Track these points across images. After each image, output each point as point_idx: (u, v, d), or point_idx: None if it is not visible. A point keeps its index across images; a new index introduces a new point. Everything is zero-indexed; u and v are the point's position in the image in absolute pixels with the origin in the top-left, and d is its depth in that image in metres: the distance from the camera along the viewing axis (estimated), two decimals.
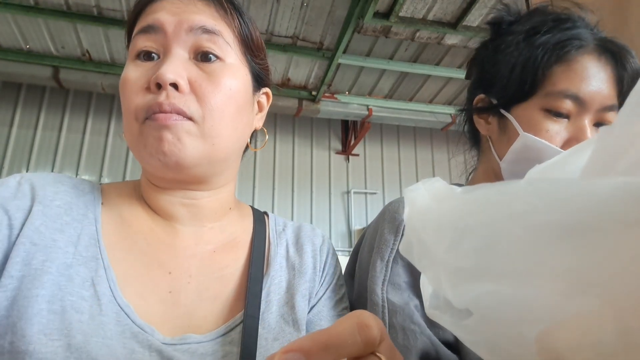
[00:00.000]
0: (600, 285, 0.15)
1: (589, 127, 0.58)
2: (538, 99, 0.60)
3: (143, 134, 0.50)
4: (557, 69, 0.59)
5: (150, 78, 0.49)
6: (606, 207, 0.14)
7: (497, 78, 0.65)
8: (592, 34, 0.61)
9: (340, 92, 4.41)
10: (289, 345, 0.23)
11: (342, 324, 0.25)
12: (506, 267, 0.18)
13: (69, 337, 0.42)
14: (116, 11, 3.28)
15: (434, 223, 0.21)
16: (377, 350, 0.26)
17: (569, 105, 0.58)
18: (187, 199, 0.56)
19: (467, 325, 0.20)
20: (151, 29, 0.51)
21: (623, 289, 0.15)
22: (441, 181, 0.22)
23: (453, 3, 3.09)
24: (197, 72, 0.51)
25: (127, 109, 0.51)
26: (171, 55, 0.50)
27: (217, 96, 0.51)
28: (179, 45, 0.51)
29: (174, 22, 0.51)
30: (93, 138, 4.31)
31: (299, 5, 3.21)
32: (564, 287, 0.16)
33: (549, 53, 0.59)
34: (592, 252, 0.15)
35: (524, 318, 0.18)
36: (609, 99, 0.58)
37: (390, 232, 0.62)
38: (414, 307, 0.57)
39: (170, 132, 0.48)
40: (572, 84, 0.58)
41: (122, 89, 0.52)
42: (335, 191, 4.79)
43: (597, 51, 0.60)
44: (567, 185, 0.16)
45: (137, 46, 0.52)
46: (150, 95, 0.50)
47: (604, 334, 0.15)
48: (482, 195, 0.19)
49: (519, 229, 0.17)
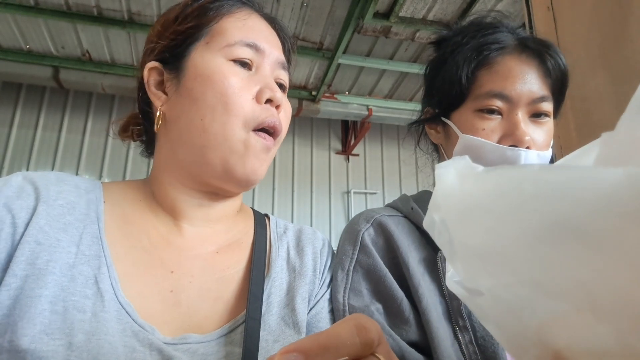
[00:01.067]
0: (597, 285, 0.15)
1: (523, 120, 0.62)
2: (470, 103, 0.65)
3: (247, 145, 0.53)
4: (480, 72, 0.64)
5: (255, 88, 0.55)
6: (612, 196, 0.14)
7: (435, 90, 0.71)
8: (512, 35, 0.66)
9: (340, 92, 4.41)
10: (289, 346, 0.23)
11: (340, 326, 0.26)
12: (512, 253, 0.18)
13: (70, 336, 0.42)
14: (116, 11, 3.28)
15: (455, 202, 0.22)
16: (376, 351, 0.27)
17: (498, 103, 0.62)
18: (207, 202, 0.58)
19: (479, 303, 0.21)
20: (255, 47, 0.57)
21: (622, 290, 0.15)
22: (468, 159, 0.23)
23: (453, 3, 3.09)
24: (282, 98, 0.58)
25: (233, 110, 0.53)
26: (270, 75, 0.58)
27: (288, 123, 0.60)
28: (270, 68, 0.58)
29: (269, 49, 0.58)
30: (93, 138, 4.31)
31: (299, 5, 3.21)
32: (564, 283, 0.16)
33: (470, 59, 0.64)
34: (590, 247, 0.15)
35: (527, 307, 0.18)
36: (537, 91, 0.62)
37: (349, 243, 0.65)
38: (374, 309, 0.59)
39: (266, 155, 0.55)
40: (496, 84, 0.63)
41: (223, 86, 0.53)
42: (335, 191, 4.79)
43: (518, 50, 0.65)
44: (575, 173, 0.16)
45: (238, 54, 0.56)
46: (260, 109, 0.54)
47: (599, 333, 0.15)
48: (496, 177, 0.19)
49: (525, 215, 0.17)
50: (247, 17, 0.59)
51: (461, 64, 0.65)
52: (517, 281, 0.18)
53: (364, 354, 0.26)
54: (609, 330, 0.15)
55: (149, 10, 3.28)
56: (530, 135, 0.61)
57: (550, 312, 0.17)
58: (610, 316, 0.15)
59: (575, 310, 0.16)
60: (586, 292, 0.16)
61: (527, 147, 0.61)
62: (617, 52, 0.95)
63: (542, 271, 0.17)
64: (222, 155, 0.53)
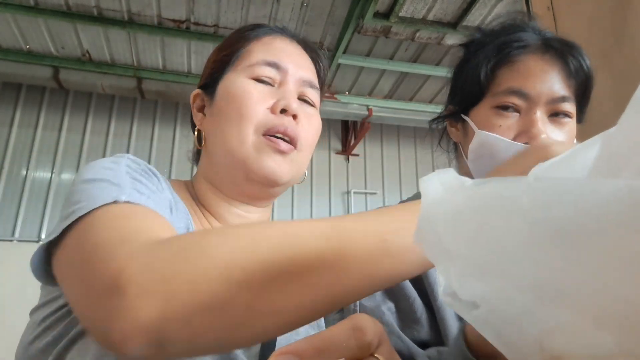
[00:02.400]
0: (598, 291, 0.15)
1: (541, 119, 0.61)
2: (488, 100, 0.65)
3: (260, 148, 0.57)
4: (501, 70, 0.64)
5: (273, 100, 0.59)
6: (609, 210, 0.14)
7: (457, 88, 0.71)
8: (537, 35, 0.66)
9: (340, 92, 4.41)
10: (284, 348, 0.24)
11: (337, 328, 0.26)
12: (508, 265, 0.18)
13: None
14: (116, 11, 3.28)
15: (445, 214, 0.21)
16: (376, 352, 0.27)
17: (516, 100, 0.62)
18: (244, 212, 0.62)
19: (476, 315, 0.21)
20: (276, 66, 0.61)
21: (620, 296, 0.14)
22: (454, 172, 0.23)
23: (453, 3, 3.09)
24: (303, 111, 0.62)
25: (246, 118, 0.57)
26: (291, 90, 0.61)
27: (311, 134, 0.64)
28: (293, 85, 0.62)
29: (293, 68, 0.62)
30: (93, 138, 4.30)
31: (299, 5, 3.21)
32: (560, 291, 0.16)
33: (492, 56, 0.65)
34: (591, 257, 0.15)
35: (526, 317, 0.18)
36: (558, 91, 0.62)
37: None
38: (386, 309, 0.59)
39: (283, 159, 0.58)
40: (516, 81, 0.62)
41: (241, 99, 0.58)
42: (335, 191, 4.79)
43: (541, 50, 0.64)
44: (571, 184, 0.16)
45: (260, 72, 0.60)
46: (273, 117, 0.58)
47: (602, 341, 0.15)
48: (489, 190, 0.19)
49: (520, 227, 0.17)
50: (273, 40, 0.64)
51: (482, 62, 0.65)
52: (516, 291, 0.18)
53: (361, 356, 0.26)
54: (610, 335, 0.15)
55: (149, 11, 3.28)
56: (547, 134, 0.60)
57: (551, 321, 0.17)
58: (611, 322, 0.15)
59: (577, 318, 0.16)
60: (588, 300, 0.15)
61: None
62: (617, 52, 0.95)
63: (542, 280, 0.17)
64: (240, 157, 0.58)
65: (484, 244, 0.19)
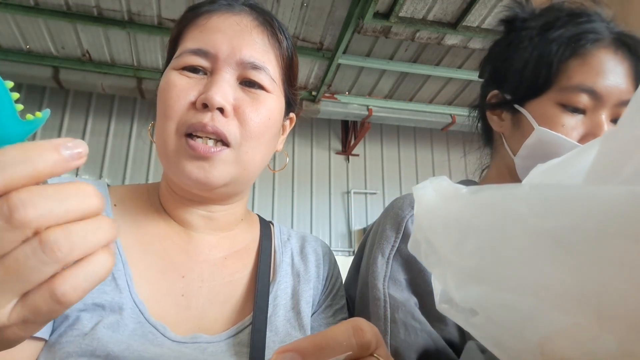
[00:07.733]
0: (598, 296, 0.15)
1: (606, 123, 0.57)
2: (553, 94, 0.59)
3: (180, 153, 0.51)
4: (572, 62, 0.58)
5: (196, 93, 0.51)
6: (607, 217, 0.14)
7: (510, 74, 0.64)
8: (608, 28, 0.60)
9: (340, 92, 4.41)
10: (286, 346, 0.24)
11: (337, 327, 0.26)
12: (507, 272, 0.18)
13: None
14: (116, 11, 3.27)
15: (440, 222, 0.21)
16: (375, 353, 0.27)
17: (585, 99, 0.57)
18: (206, 212, 0.59)
19: (474, 323, 0.21)
20: (203, 53, 0.53)
21: (620, 302, 0.14)
22: (448, 180, 0.23)
23: (453, 3, 3.08)
24: (242, 97, 0.53)
25: (168, 116, 0.52)
26: (221, 78, 0.52)
27: (257, 123, 0.54)
28: (228, 70, 0.53)
29: (227, 51, 0.53)
30: (93, 138, 4.30)
31: (299, 5, 3.21)
32: (561, 296, 0.16)
33: (563, 47, 0.59)
34: (590, 263, 0.15)
35: (526, 322, 0.18)
36: (625, 93, 0.57)
37: (392, 228, 0.62)
38: (414, 304, 0.58)
39: (208, 163, 0.51)
40: (588, 78, 0.57)
41: (165, 94, 0.53)
42: (335, 191, 4.79)
43: (614, 45, 0.59)
44: (570, 192, 0.15)
45: (186, 61, 0.53)
46: (194, 113, 0.51)
47: (602, 345, 0.15)
48: (486, 198, 0.19)
49: (521, 235, 0.17)
50: (208, 20, 0.55)
51: (554, 51, 0.59)
52: (516, 298, 0.18)
53: (361, 355, 0.26)
54: (612, 338, 0.15)
55: (149, 11, 3.28)
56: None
57: (552, 326, 0.17)
58: (612, 326, 0.15)
59: (579, 322, 0.16)
60: (590, 305, 0.15)
61: None
62: None
63: (542, 287, 0.17)
64: (165, 161, 0.54)
65: (481, 251, 0.19)
